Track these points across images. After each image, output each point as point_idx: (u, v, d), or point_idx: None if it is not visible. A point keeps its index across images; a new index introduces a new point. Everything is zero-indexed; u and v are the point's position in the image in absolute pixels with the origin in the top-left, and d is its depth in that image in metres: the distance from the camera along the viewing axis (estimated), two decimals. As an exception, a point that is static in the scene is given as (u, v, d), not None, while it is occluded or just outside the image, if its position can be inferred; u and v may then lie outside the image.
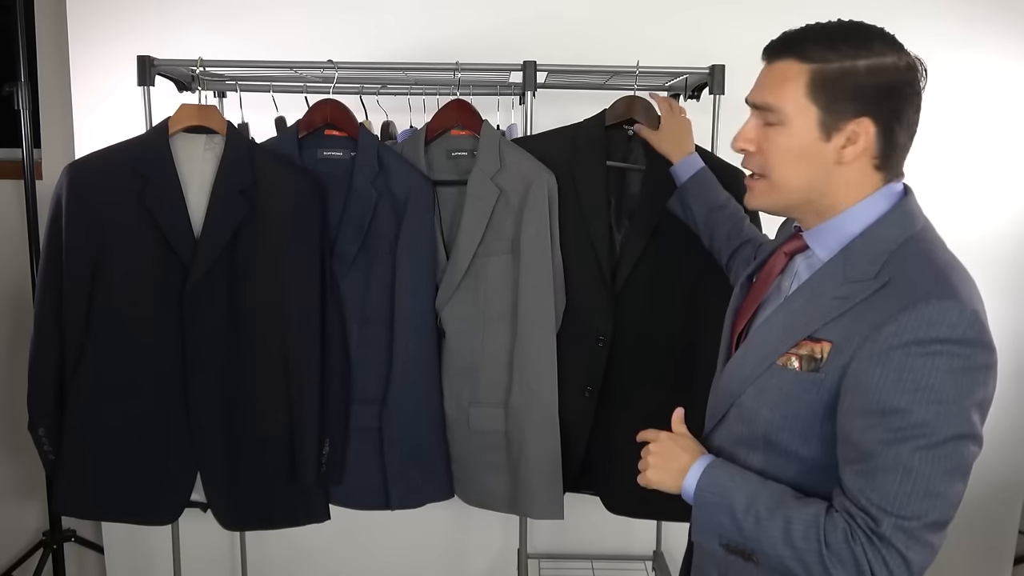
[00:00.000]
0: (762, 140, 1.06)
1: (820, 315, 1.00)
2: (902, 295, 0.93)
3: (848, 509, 0.95)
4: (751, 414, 1.07)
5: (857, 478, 0.94)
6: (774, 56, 1.07)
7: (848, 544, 0.94)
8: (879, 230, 1.02)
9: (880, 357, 0.92)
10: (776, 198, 1.07)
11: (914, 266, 0.97)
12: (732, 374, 1.11)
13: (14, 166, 2.32)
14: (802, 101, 1.02)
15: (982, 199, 2.37)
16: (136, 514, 1.71)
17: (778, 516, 0.99)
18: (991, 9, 2.27)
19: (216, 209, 1.63)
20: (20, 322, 2.42)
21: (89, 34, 2.24)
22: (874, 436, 0.92)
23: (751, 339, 1.11)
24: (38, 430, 1.64)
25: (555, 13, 2.25)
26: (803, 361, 1.01)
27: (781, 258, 1.14)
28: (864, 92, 1.00)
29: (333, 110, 1.75)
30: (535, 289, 1.69)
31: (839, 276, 1.01)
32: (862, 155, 1.02)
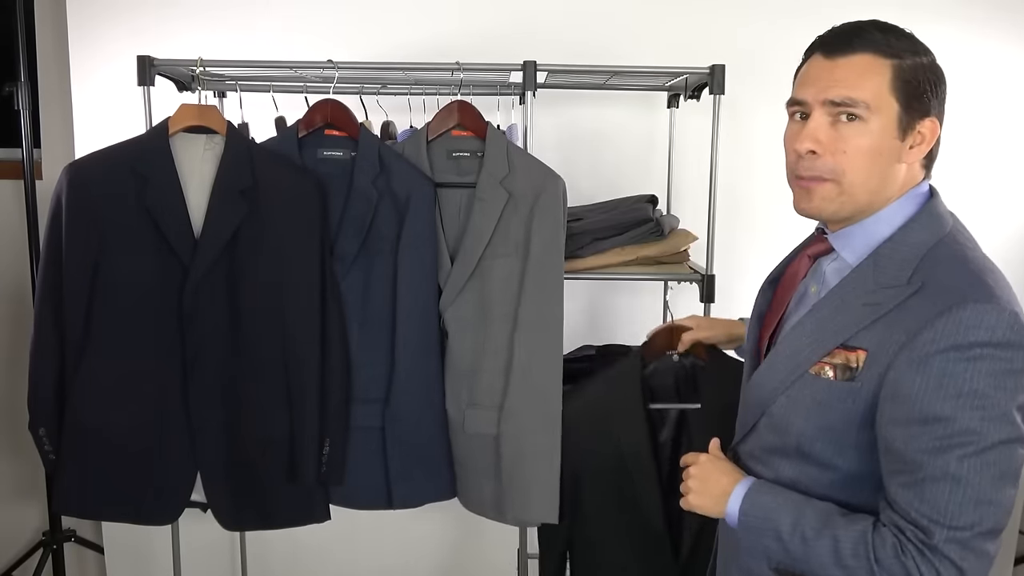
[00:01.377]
0: (834, 140, 0.99)
1: (852, 323, 0.98)
2: (937, 300, 0.91)
3: (897, 523, 0.93)
4: (783, 424, 1.04)
5: (904, 490, 0.92)
6: (845, 50, 0.99)
7: (899, 559, 0.91)
8: (909, 234, 1.00)
9: (919, 364, 0.90)
10: (843, 203, 1.01)
11: (947, 269, 0.95)
12: (762, 383, 1.08)
13: (14, 166, 2.32)
14: (886, 96, 0.98)
15: (981, 199, 2.37)
16: (136, 514, 1.71)
17: (825, 535, 0.96)
18: (991, 9, 2.28)
19: (216, 209, 1.63)
20: (20, 322, 2.42)
21: (89, 34, 2.24)
22: (919, 446, 0.90)
23: (780, 347, 1.07)
24: (38, 430, 1.64)
25: (555, 13, 2.25)
26: (837, 370, 0.98)
27: (805, 262, 1.11)
28: (930, 90, 1.00)
29: (333, 110, 1.75)
30: (544, 291, 1.69)
31: (869, 282, 0.99)
32: (921, 156, 1.01)
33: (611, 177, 2.28)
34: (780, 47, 2.35)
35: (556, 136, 2.27)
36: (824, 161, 1.00)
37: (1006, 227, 2.38)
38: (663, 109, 2.24)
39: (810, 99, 1.01)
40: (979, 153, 2.36)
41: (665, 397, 1.56)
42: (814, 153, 1.00)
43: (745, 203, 2.28)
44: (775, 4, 2.18)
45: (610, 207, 2.02)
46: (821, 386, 1.00)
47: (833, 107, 0.99)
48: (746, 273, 1.57)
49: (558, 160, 1.85)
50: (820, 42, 1.03)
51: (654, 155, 2.30)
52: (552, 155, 1.93)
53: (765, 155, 2.29)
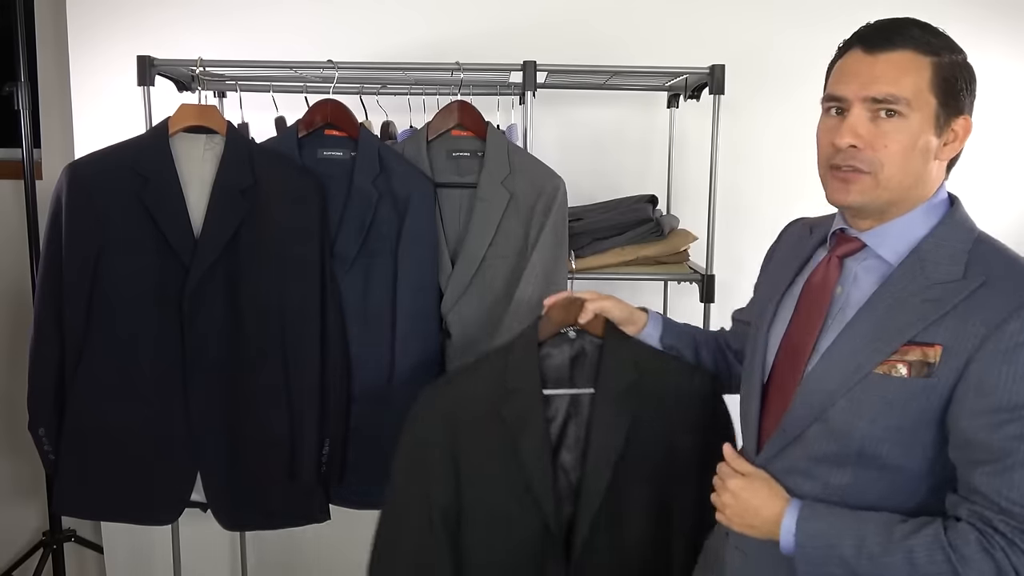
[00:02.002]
0: (874, 135, 1.00)
1: (916, 319, 0.97)
2: (1014, 291, 0.93)
3: (982, 515, 0.92)
4: (843, 429, 1.01)
5: (992, 479, 0.92)
6: (885, 47, 1.00)
7: (986, 552, 0.91)
8: (946, 232, 1.02)
9: (1007, 355, 0.91)
10: (880, 194, 1.01)
11: (1003, 264, 0.97)
12: (813, 390, 1.04)
13: (14, 166, 2.32)
14: (925, 93, 0.99)
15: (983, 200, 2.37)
16: (136, 514, 1.71)
17: (895, 549, 0.94)
18: (990, 9, 2.28)
19: (216, 209, 1.63)
20: (20, 322, 2.42)
21: (89, 34, 2.24)
22: (1007, 433, 0.91)
23: (833, 351, 1.03)
24: (38, 430, 1.64)
25: (555, 13, 2.25)
26: (913, 367, 0.97)
27: (835, 263, 1.09)
28: (966, 89, 1.01)
29: (333, 110, 1.75)
30: (547, 292, 1.68)
31: (920, 279, 0.99)
32: (952, 154, 1.02)
33: (611, 177, 2.28)
34: (780, 47, 2.36)
35: (556, 136, 2.28)
36: (864, 155, 1.00)
37: (1007, 227, 2.38)
38: (663, 109, 2.24)
39: (850, 95, 1.01)
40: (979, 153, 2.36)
41: (558, 380, 1.42)
42: (855, 147, 1.01)
43: (745, 203, 2.28)
44: (775, 4, 2.17)
45: (610, 207, 2.02)
46: (893, 385, 0.98)
47: (874, 104, 1.00)
48: (746, 273, 1.57)
49: (558, 160, 1.85)
50: (859, 37, 1.03)
51: (654, 155, 2.30)
52: (552, 155, 1.93)
53: (765, 155, 2.29)
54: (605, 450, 1.34)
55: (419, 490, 1.37)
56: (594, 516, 1.34)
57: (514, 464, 1.35)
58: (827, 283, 1.09)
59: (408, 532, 1.39)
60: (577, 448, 1.39)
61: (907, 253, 1.02)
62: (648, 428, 1.36)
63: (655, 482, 1.37)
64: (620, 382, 1.36)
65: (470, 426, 1.38)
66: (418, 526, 1.37)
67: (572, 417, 1.40)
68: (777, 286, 1.18)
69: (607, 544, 1.36)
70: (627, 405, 1.35)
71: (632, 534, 1.37)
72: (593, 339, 1.41)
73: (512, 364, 1.39)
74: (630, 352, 1.39)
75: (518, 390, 1.37)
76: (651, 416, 1.36)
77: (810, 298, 1.10)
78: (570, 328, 1.40)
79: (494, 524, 1.37)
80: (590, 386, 1.39)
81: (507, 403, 1.36)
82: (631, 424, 1.35)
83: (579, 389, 1.40)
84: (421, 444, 1.39)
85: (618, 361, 1.38)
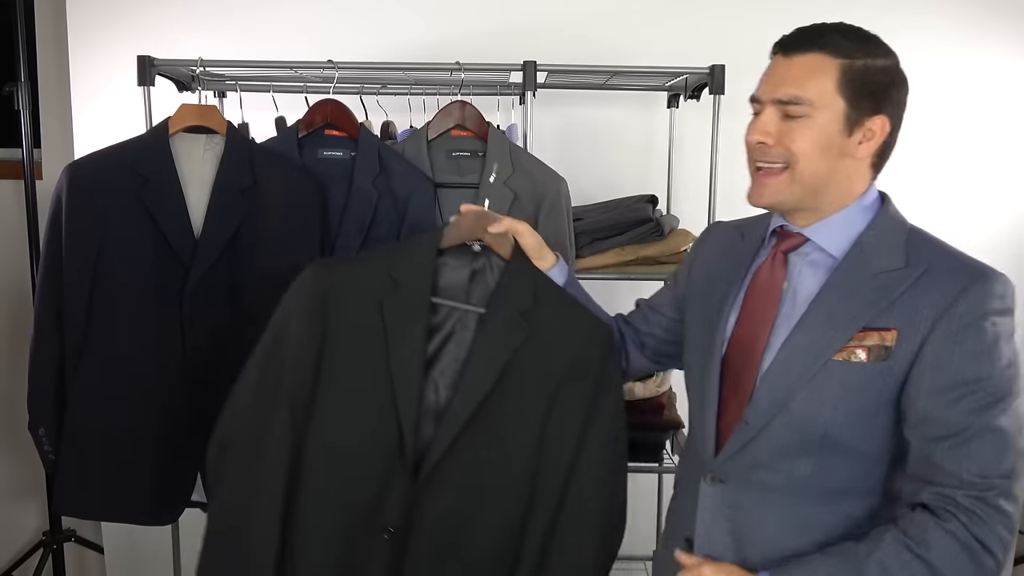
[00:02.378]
0: (783, 133, 1.06)
1: (869, 306, 1.02)
2: (958, 277, 1.00)
3: (943, 494, 0.97)
4: (806, 418, 1.04)
5: (952, 452, 0.97)
6: (796, 50, 1.07)
7: (945, 531, 0.96)
8: (882, 225, 1.08)
9: (957, 335, 0.98)
10: (795, 190, 1.07)
11: (939, 253, 1.05)
12: (775, 382, 1.07)
13: (14, 166, 2.32)
14: (831, 94, 1.04)
15: (982, 199, 2.38)
16: (136, 514, 1.71)
17: (868, 570, 0.97)
18: (989, 9, 2.28)
19: (216, 209, 1.63)
20: (20, 322, 2.42)
21: (89, 34, 2.24)
22: (963, 408, 0.97)
23: (791, 343, 1.07)
24: (38, 430, 1.64)
25: (555, 13, 2.25)
26: (871, 352, 1.02)
27: (780, 259, 1.13)
28: (882, 90, 1.05)
29: (333, 110, 1.75)
30: None
31: (866, 269, 1.05)
32: (871, 152, 1.07)
33: (611, 177, 2.28)
34: (780, 47, 2.36)
35: (556, 136, 2.28)
36: (775, 150, 1.07)
37: (1006, 226, 2.38)
38: (663, 109, 2.24)
39: (763, 96, 1.09)
40: (979, 153, 2.36)
41: (451, 292, 1.31)
42: (764, 144, 1.08)
43: (745, 203, 2.27)
44: (775, 4, 2.18)
45: (610, 207, 2.02)
46: (852, 370, 1.02)
47: (781, 104, 1.06)
48: (746, 273, 1.57)
49: (558, 160, 1.85)
50: (780, 42, 1.10)
51: (654, 155, 2.30)
52: (552, 155, 1.93)
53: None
54: (478, 379, 1.24)
55: (276, 363, 1.26)
56: (450, 445, 1.23)
57: (383, 366, 1.24)
58: (775, 279, 1.12)
59: (257, 401, 1.27)
60: (453, 370, 1.28)
61: (849, 246, 1.08)
62: (530, 366, 1.26)
63: (526, 426, 1.26)
64: (513, 308, 1.26)
65: (344, 311, 1.26)
66: (267, 398, 1.25)
67: (455, 334, 1.29)
68: (722, 288, 1.19)
69: (457, 479, 1.25)
70: (514, 336, 1.25)
71: (485, 476, 1.25)
72: (498, 260, 1.31)
73: (405, 260, 1.29)
74: (532, 280, 1.29)
75: (405, 287, 1.26)
76: (536, 354, 1.25)
77: (758, 295, 1.13)
78: (476, 242, 1.31)
79: (347, 422, 1.25)
80: (482, 307, 1.29)
81: (390, 296, 1.25)
82: (511, 358, 1.24)
83: (469, 306, 1.30)
84: (287, 320, 1.27)
85: (517, 285, 1.28)
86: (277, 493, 1.22)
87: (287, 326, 1.26)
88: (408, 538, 1.25)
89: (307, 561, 1.25)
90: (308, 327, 1.25)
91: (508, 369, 1.24)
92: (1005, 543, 0.97)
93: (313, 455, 1.25)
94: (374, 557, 1.24)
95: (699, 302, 1.23)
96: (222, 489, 1.28)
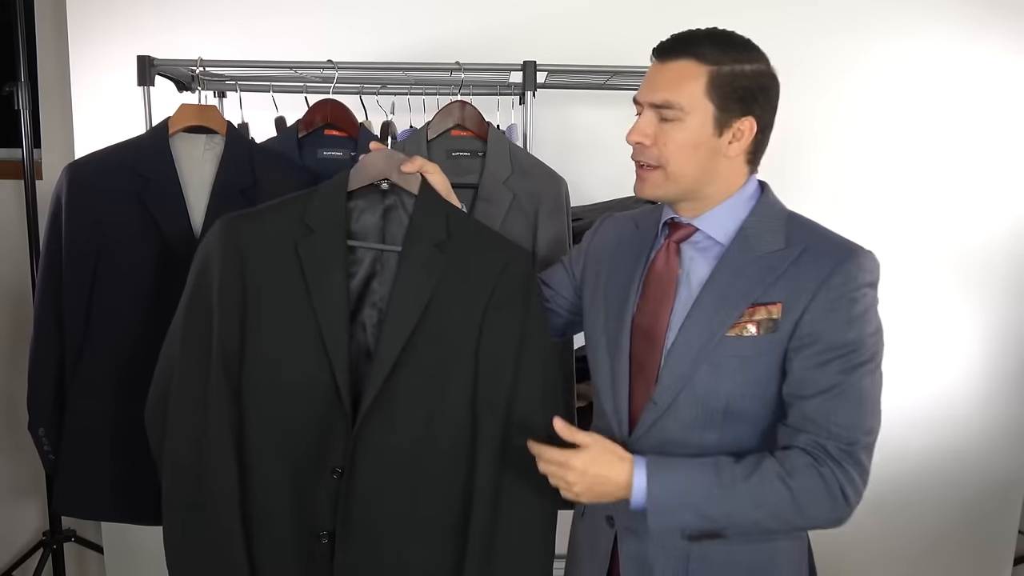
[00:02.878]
0: (658, 134, 1.15)
1: (755, 284, 1.13)
2: (832, 254, 1.11)
3: (816, 441, 1.08)
4: (708, 392, 1.14)
5: (821, 406, 1.08)
6: (669, 56, 1.16)
7: (814, 468, 1.07)
8: (763, 211, 1.18)
9: (832, 303, 1.08)
10: (670, 187, 1.17)
11: (814, 234, 1.16)
12: (677, 361, 1.15)
13: (14, 166, 2.32)
14: (701, 99, 1.13)
15: (981, 199, 2.37)
16: (136, 514, 1.71)
17: (741, 488, 1.07)
18: (989, 9, 2.28)
19: (216, 209, 1.62)
20: (20, 322, 2.42)
21: (89, 34, 2.24)
22: (833, 369, 1.08)
23: (689, 323, 1.15)
24: (38, 430, 1.65)
25: (555, 13, 2.25)
26: (761, 325, 1.12)
27: (674, 248, 1.21)
28: (750, 94, 1.14)
29: (333, 110, 1.76)
30: None
31: (750, 251, 1.15)
32: (742, 150, 1.16)
33: (611, 177, 2.26)
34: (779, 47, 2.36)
35: (556, 136, 2.28)
36: (651, 151, 1.16)
37: (1006, 226, 2.38)
38: (663, 109, 2.24)
39: (641, 100, 1.18)
40: (978, 153, 2.36)
41: (366, 234, 1.32)
42: (642, 144, 1.16)
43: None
44: (775, 5, 2.18)
45: (610, 207, 2.02)
46: (745, 344, 1.12)
47: (657, 108, 1.15)
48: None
49: (558, 160, 1.85)
50: (656, 49, 1.19)
51: (654, 155, 2.30)
52: (552, 155, 1.93)
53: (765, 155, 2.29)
54: (402, 316, 1.25)
55: (202, 314, 1.25)
56: (383, 383, 1.24)
57: (308, 312, 1.24)
58: (670, 267, 1.21)
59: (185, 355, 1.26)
60: (378, 309, 1.30)
61: (734, 233, 1.17)
62: (454, 296, 1.27)
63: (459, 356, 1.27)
64: (428, 241, 1.27)
65: (262, 261, 1.25)
66: (196, 351, 1.25)
67: (377, 274, 1.32)
68: (623, 277, 1.26)
69: (395, 415, 1.26)
70: (432, 270, 1.26)
71: (423, 410, 1.26)
72: (407, 195, 1.32)
73: (316, 205, 1.28)
74: (443, 212, 1.30)
75: (320, 231, 1.26)
76: (458, 284, 1.27)
77: (656, 283, 1.21)
78: (383, 181, 1.31)
79: (279, 368, 1.25)
80: (399, 244, 1.29)
81: (305, 242, 1.25)
82: (433, 292, 1.26)
83: (385, 246, 1.31)
84: (206, 271, 1.26)
85: (429, 218, 1.29)
86: (228, 447, 1.23)
87: (207, 282, 1.26)
88: (354, 477, 1.26)
89: (261, 509, 1.26)
90: (228, 280, 1.25)
91: (432, 303, 1.26)
92: (860, 496, 1.09)
93: (251, 406, 1.26)
94: (325, 497, 1.27)
95: (600, 291, 1.28)
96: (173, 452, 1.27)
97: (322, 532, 1.27)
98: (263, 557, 1.26)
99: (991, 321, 2.41)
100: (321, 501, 1.27)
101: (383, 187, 1.32)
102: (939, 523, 2.49)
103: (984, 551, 2.53)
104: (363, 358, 1.29)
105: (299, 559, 1.28)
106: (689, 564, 1.16)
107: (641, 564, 1.20)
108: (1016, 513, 2.53)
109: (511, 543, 1.27)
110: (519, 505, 1.27)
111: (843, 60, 2.25)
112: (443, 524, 1.28)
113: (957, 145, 2.35)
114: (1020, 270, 2.38)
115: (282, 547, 1.27)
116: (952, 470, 2.47)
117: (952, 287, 2.39)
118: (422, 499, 1.28)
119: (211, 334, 1.24)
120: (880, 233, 2.30)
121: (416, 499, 1.28)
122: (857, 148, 2.33)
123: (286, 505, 1.27)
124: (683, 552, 1.16)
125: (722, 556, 1.15)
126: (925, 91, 2.32)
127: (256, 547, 1.26)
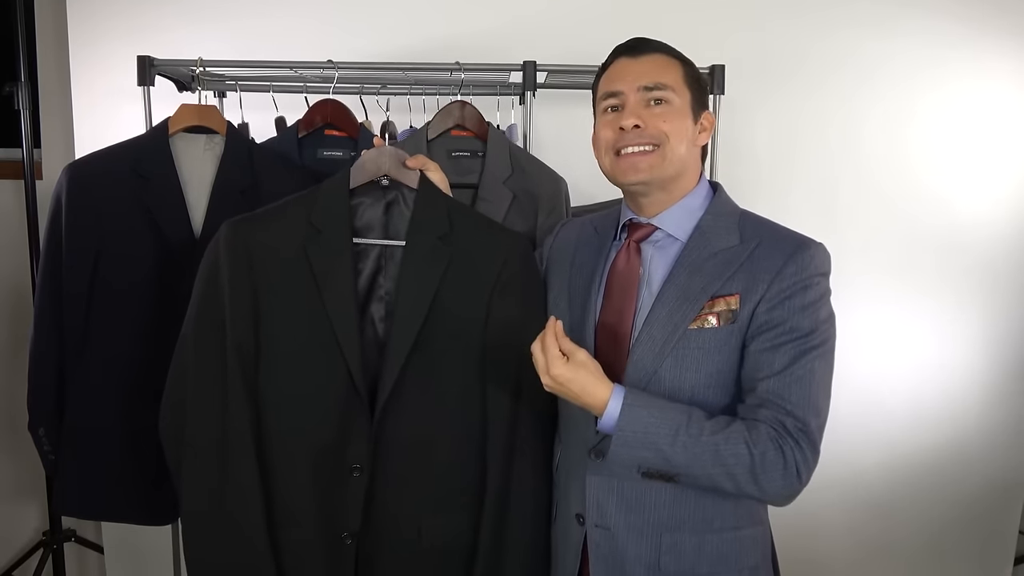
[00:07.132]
0: (651, 116, 1.20)
1: (713, 278, 1.18)
2: (785, 246, 1.17)
3: (776, 417, 1.11)
4: (675, 383, 1.17)
5: (775, 387, 1.12)
6: (644, 51, 1.24)
7: (778, 446, 1.10)
8: (718, 209, 1.24)
9: (786, 291, 1.14)
10: (666, 167, 1.21)
11: (767, 229, 1.22)
12: (642, 355, 1.18)
13: (14, 166, 2.32)
14: (682, 84, 1.22)
15: (982, 199, 2.37)
16: (136, 514, 1.71)
17: (705, 441, 1.10)
18: (989, 9, 2.28)
19: (216, 209, 1.63)
20: (20, 322, 2.42)
21: (89, 34, 2.24)
22: (787, 351, 1.13)
23: (652, 319, 1.19)
24: (38, 430, 1.65)
25: (555, 13, 2.25)
26: (721, 317, 1.16)
27: (634, 248, 1.25)
28: (706, 92, 1.25)
29: (333, 110, 1.76)
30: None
31: (707, 248, 1.21)
32: (704, 142, 1.25)
33: (611, 177, 2.28)
34: (780, 47, 2.36)
35: (556, 136, 2.27)
36: (648, 131, 1.20)
37: (1005, 225, 2.38)
38: (663, 109, 2.24)
39: (625, 88, 1.22)
40: (978, 153, 2.36)
41: (370, 230, 1.35)
42: (638, 127, 1.20)
43: (744, 202, 2.27)
44: (775, 4, 2.18)
45: (610, 207, 2.02)
46: (706, 336, 1.16)
47: (647, 91, 1.20)
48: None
49: (558, 160, 1.85)
50: (622, 48, 1.26)
51: (654, 155, 2.30)
52: (552, 155, 1.93)
53: (764, 154, 2.29)
54: (411, 308, 1.28)
55: (213, 320, 1.27)
56: (398, 375, 1.26)
57: (320, 311, 1.26)
58: (632, 267, 1.25)
59: (200, 362, 1.28)
60: (387, 303, 1.33)
61: (692, 231, 1.23)
62: (460, 286, 1.30)
63: (468, 343, 1.30)
64: (431, 234, 1.31)
65: (271, 263, 1.28)
66: (210, 358, 1.26)
67: (383, 269, 1.35)
68: (584, 278, 1.29)
69: (412, 406, 1.28)
70: (437, 262, 1.29)
71: (438, 397, 1.30)
72: (407, 189, 1.35)
73: (320, 205, 1.31)
74: (444, 205, 1.34)
75: (326, 232, 1.29)
76: (463, 274, 1.31)
77: (619, 283, 1.25)
78: (383, 177, 1.34)
79: (295, 368, 1.28)
80: (402, 238, 1.33)
81: (313, 242, 1.28)
82: (440, 284, 1.29)
83: (389, 241, 1.35)
84: (215, 276, 1.28)
85: (431, 212, 1.33)
86: (248, 451, 1.25)
87: (217, 289, 1.27)
88: (376, 470, 1.28)
89: (285, 510, 1.28)
90: (238, 285, 1.27)
91: (439, 294, 1.29)
92: (810, 475, 1.12)
93: (270, 408, 1.27)
94: (349, 494, 1.28)
95: (563, 292, 1.32)
96: (191, 459, 1.29)
97: (344, 534, 1.29)
98: (288, 560, 1.28)
99: (991, 320, 2.40)
100: (343, 501, 1.28)
101: (383, 183, 1.34)
102: (939, 522, 2.49)
103: (984, 551, 2.53)
104: (375, 352, 1.31)
105: (324, 559, 1.29)
106: (660, 556, 1.19)
107: (611, 559, 1.21)
108: (1016, 513, 2.53)
109: (523, 509, 1.31)
110: (530, 473, 1.32)
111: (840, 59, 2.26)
112: (460, 499, 1.32)
113: (957, 145, 2.35)
114: (1021, 269, 2.38)
115: (307, 548, 1.29)
116: (952, 470, 2.47)
117: (952, 286, 2.39)
118: (440, 481, 1.31)
119: (224, 340, 1.26)
120: (880, 233, 2.31)
121: (435, 481, 1.31)
122: (857, 148, 2.33)
123: (309, 505, 1.28)
124: (654, 543, 1.19)
125: (692, 547, 1.19)
126: (925, 91, 2.32)
127: (281, 550, 1.27)
